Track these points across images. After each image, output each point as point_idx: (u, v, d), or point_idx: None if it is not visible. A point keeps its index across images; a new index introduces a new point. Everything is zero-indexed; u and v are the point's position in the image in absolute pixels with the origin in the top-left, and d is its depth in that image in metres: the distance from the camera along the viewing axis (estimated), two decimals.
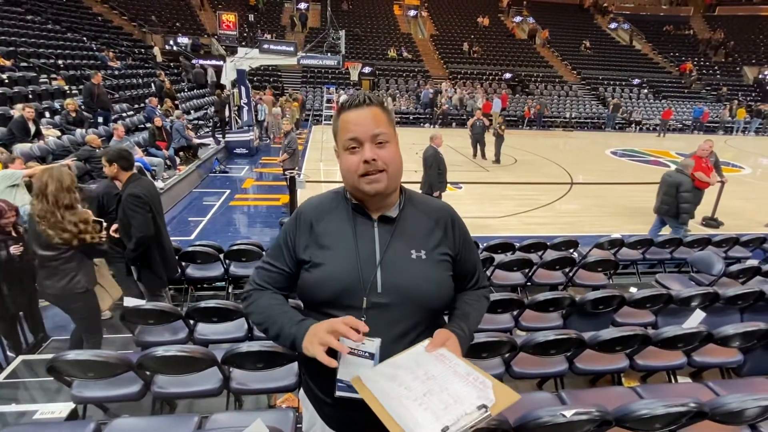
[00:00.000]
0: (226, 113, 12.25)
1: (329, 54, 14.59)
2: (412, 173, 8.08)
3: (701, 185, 6.19)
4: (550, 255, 4.37)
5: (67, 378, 2.31)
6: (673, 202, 5.55)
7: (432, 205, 1.29)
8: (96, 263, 3.27)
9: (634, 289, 3.65)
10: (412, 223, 1.22)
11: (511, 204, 8.44)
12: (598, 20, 30.60)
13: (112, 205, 3.18)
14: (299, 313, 1.21)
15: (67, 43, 12.79)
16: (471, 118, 13.15)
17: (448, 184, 6.80)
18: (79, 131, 7.71)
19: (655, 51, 27.70)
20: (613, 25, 29.71)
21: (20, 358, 3.12)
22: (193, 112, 14.13)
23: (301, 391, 1.36)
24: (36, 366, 3.03)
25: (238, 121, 12.58)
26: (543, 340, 2.42)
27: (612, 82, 23.96)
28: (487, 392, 0.96)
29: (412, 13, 27.59)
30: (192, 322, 3.00)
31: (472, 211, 7.77)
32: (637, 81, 24.19)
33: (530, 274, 4.20)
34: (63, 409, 2.41)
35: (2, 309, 3.12)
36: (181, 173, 8.69)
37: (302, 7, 25.37)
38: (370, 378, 1.03)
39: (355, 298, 1.13)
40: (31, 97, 8.42)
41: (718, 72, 26.51)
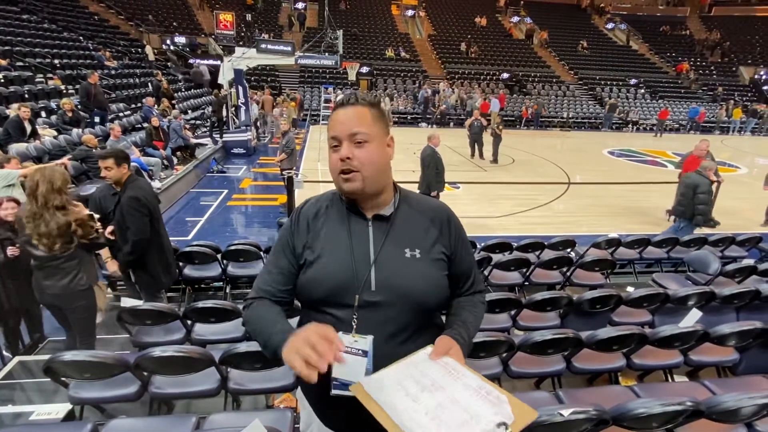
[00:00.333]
0: (224, 113, 12.23)
1: (327, 54, 14.61)
2: (410, 173, 8.08)
3: None
4: (548, 255, 4.38)
5: (64, 379, 2.30)
6: (689, 203, 5.46)
7: (427, 204, 1.29)
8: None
9: (631, 289, 3.67)
10: (407, 222, 1.22)
11: (508, 204, 8.45)
12: (595, 20, 30.69)
13: (110, 207, 3.11)
14: (288, 323, 1.18)
15: (64, 43, 12.73)
16: (469, 118, 13.16)
17: (446, 184, 6.80)
18: (75, 131, 7.69)
19: (652, 51, 27.79)
20: (610, 26, 29.81)
21: (17, 358, 3.10)
22: (190, 111, 14.10)
23: (299, 390, 1.36)
24: (33, 367, 3.01)
25: (236, 121, 12.56)
26: (540, 340, 2.43)
27: (609, 82, 24.02)
28: (505, 408, 0.90)
29: (410, 13, 27.61)
30: (189, 322, 3.00)
31: (469, 211, 7.77)
32: (634, 81, 24.26)
33: (528, 274, 4.20)
34: (60, 410, 2.40)
35: (7, 307, 3.09)
36: (178, 173, 8.67)
37: (300, 6, 25.33)
38: (372, 386, 0.97)
39: (348, 296, 1.13)
40: (27, 96, 8.39)
41: (715, 72, 26.64)
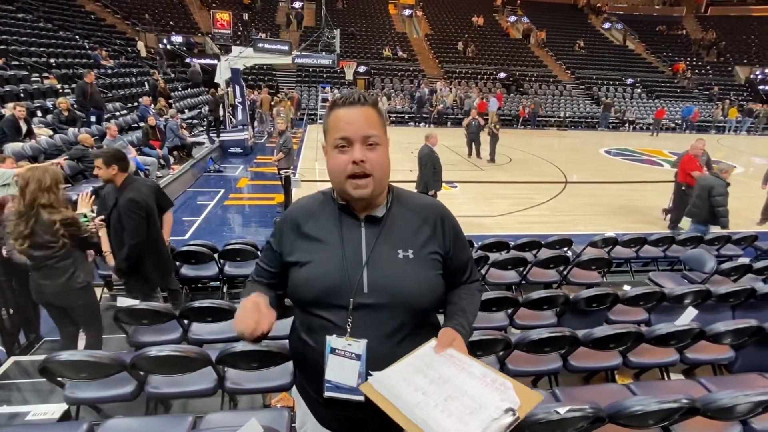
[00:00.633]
0: (221, 112, 12.19)
1: (324, 53, 14.57)
2: (408, 172, 8.08)
3: (694, 183, 6.23)
4: (545, 253, 4.38)
5: (59, 379, 2.29)
6: (703, 206, 5.33)
7: (420, 203, 1.26)
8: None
9: (627, 287, 3.69)
10: (400, 223, 1.20)
11: (505, 203, 8.46)
12: (591, 20, 30.75)
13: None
14: (256, 291, 1.19)
15: (59, 42, 12.66)
16: (467, 118, 13.18)
17: (444, 183, 6.81)
18: (71, 130, 7.66)
19: (648, 51, 27.88)
20: (607, 25, 29.88)
21: (12, 359, 3.09)
22: (187, 111, 14.05)
23: (294, 388, 1.36)
24: (28, 367, 3.00)
25: (233, 120, 12.53)
26: (537, 338, 2.43)
27: (606, 82, 24.08)
28: (510, 394, 0.93)
29: (407, 12, 27.61)
30: (186, 321, 2.99)
31: (467, 210, 7.78)
32: (630, 80, 24.34)
33: (525, 273, 4.21)
34: (56, 410, 2.39)
35: (12, 305, 3.08)
36: (175, 172, 8.64)
37: (297, 5, 25.28)
38: (381, 382, 0.99)
39: (341, 299, 1.12)
40: (22, 95, 8.35)
41: (710, 72, 26.74)
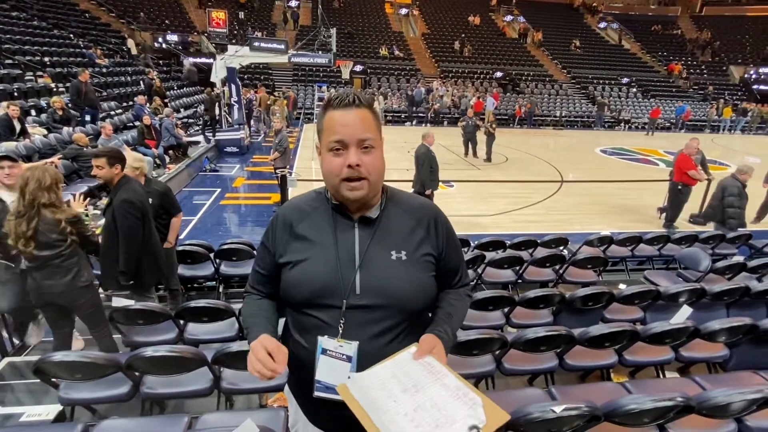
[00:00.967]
0: (216, 111, 12.15)
1: (320, 52, 14.57)
2: (404, 171, 8.08)
3: (690, 182, 6.29)
4: (541, 252, 4.39)
5: (54, 380, 2.27)
6: (718, 206, 5.38)
7: (414, 204, 1.25)
8: None
9: (623, 286, 3.70)
10: (393, 224, 1.19)
11: (502, 202, 8.48)
12: (587, 19, 30.86)
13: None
14: (265, 322, 1.21)
15: (54, 40, 12.55)
16: (463, 117, 13.18)
17: (440, 183, 6.82)
18: (66, 129, 7.61)
19: (644, 50, 28.00)
20: (603, 25, 30.00)
21: (5, 360, 3.07)
22: (182, 110, 13.98)
23: (287, 387, 1.36)
24: (22, 368, 2.97)
25: (229, 119, 12.48)
26: (533, 337, 2.44)
27: (601, 81, 24.17)
28: (478, 411, 0.94)
29: (404, 11, 27.59)
30: (182, 321, 2.98)
31: (463, 210, 7.79)
32: (626, 80, 24.43)
33: (521, 272, 4.21)
34: (50, 411, 2.37)
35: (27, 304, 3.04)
36: (170, 172, 8.60)
37: (293, 4, 25.20)
38: (356, 386, 1.01)
39: (333, 299, 1.11)
40: (16, 94, 8.28)
41: (705, 71, 26.90)
